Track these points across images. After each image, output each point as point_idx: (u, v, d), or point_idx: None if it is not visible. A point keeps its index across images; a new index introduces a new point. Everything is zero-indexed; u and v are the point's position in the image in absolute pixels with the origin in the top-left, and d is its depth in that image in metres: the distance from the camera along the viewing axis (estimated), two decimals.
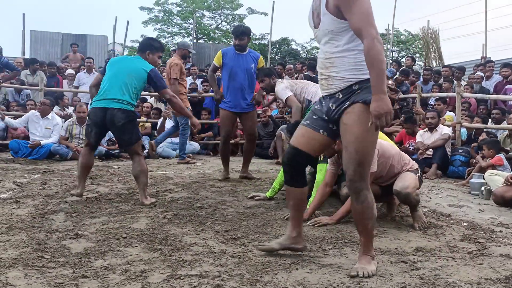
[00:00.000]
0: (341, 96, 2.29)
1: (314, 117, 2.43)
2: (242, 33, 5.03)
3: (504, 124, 6.55)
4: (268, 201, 4.01)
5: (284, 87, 4.45)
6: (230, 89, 5.05)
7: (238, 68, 5.01)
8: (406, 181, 3.30)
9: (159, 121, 7.98)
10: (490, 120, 6.87)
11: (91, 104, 3.97)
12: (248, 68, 5.04)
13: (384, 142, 3.54)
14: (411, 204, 3.37)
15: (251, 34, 5.33)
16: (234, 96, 5.05)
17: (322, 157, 3.69)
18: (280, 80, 4.70)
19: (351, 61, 2.25)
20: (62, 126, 7.22)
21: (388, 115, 2.09)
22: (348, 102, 2.25)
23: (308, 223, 3.27)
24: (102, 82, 3.97)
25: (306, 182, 2.55)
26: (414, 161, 3.60)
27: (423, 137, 6.40)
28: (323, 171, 3.68)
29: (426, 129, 6.46)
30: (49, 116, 7.14)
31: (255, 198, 4.12)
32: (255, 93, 5.25)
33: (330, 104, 2.33)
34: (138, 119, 6.75)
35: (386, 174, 3.42)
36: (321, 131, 2.40)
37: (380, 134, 4.10)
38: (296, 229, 2.55)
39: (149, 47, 4.07)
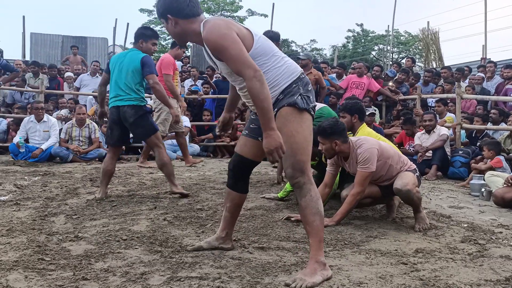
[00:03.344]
0: None
1: (251, 126, 2.54)
2: (270, 38, 5.09)
3: (503, 125, 6.55)
4: (268, 203, 4.01)
5: None
6: None
7: None
8: (405, 179, 3.33)
9: None
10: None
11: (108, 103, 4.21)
12: None
13: (383, 143, 3.57)
14: (413, 202, 3.35)
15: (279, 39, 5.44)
16: None
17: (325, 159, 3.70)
18: None
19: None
20: (61, 128, 7.23)
21: (279, 150, 2.11)
22: (275, 109, 2.28)
23: None
24: (109, 82, 4.18)
25: (247, 189, 2.63)
26: (412, 162, 3.63)
27: (421, 139, 6.38)
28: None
29: (424, 131, 6.46)
30: (45, 118, 7.13)
31: (266, 197, 4.21)
32: None
33: None
34: None
35: (386, 174, 3.45)
36: (259, 138, 2.42)
37: (380, 136, 4.13)
38: (226, 230, 2.67)
39: (141, 36, 4.20)
